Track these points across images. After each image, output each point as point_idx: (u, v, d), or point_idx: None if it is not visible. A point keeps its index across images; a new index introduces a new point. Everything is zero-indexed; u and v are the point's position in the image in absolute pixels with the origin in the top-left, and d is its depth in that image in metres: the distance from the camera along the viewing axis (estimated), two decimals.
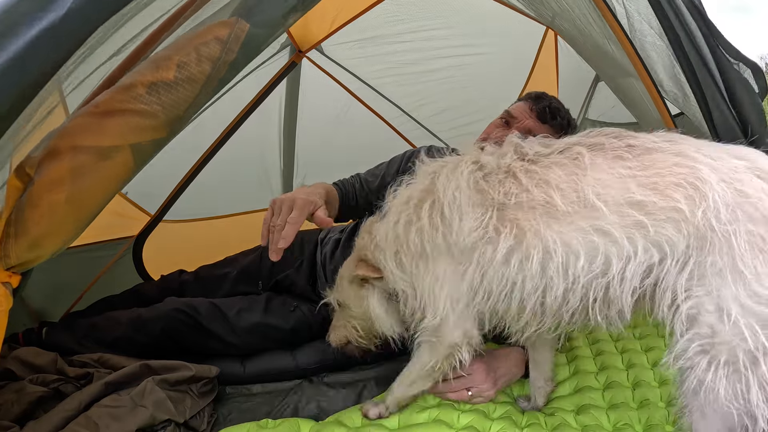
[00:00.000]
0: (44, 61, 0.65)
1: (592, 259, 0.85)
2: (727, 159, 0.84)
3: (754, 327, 0.75)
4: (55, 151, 0.79)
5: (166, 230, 2.43)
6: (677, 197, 0.80)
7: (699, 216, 0.78)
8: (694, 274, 0.80)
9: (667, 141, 0.88)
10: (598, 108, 2.82)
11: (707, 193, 0.79)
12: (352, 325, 1.25)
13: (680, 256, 0.81)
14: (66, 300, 2.04)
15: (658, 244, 0.82)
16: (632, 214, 0.82)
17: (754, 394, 0.76)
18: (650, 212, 0.81)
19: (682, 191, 0.80)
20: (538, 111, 1.61)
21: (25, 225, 0.80)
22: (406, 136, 2.91)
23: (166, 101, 0.82)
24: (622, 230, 0.83)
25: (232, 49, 0.85)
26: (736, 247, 0.76)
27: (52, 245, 0.86)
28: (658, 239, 0.82)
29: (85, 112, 0.80)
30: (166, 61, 0.81)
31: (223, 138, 2.41)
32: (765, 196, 0.78)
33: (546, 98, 1.67)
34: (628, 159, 0.86)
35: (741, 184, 0.80)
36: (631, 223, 0.82)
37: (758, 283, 0.75)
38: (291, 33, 2.29)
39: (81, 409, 1.25)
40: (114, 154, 0.82)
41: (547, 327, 0.98)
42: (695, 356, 0.79)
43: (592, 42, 1.40)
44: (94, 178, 0.82)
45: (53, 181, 0.79)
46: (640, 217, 0.81)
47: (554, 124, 1.61)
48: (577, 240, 0.86)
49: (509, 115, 1.65)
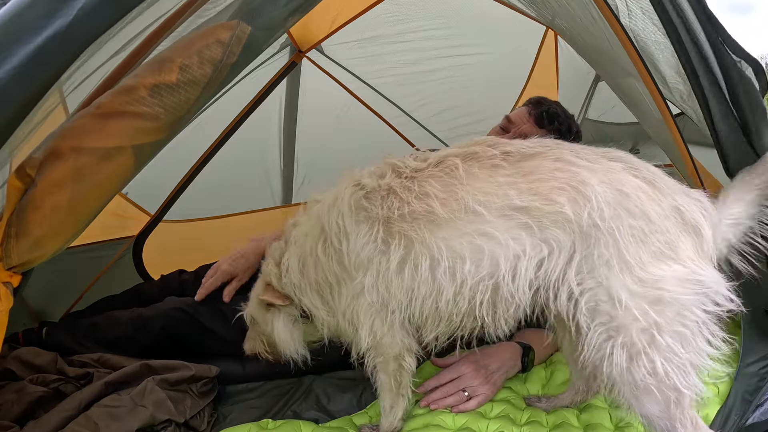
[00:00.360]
0: (51, 68, 0.66)
1: (478, 261, 0.91)
2: (604, 162, 0.91)
3: (644, 307, 0.84)
4: (57, 152, 0.79)
5: (166, 230, 2.43)
6: (561, 201, 0.87)
7: (585, 217, 0.85)
8: (583, 267, 0.87)
9: (543, 147, 0.93)
10: (598, 108, 2.82)
11: (590, 195, 0.86)
12: (260, 339, 1.30)
13: (568, 251, 0.88)
14: (66, 300, 2.04)
15: (545, 241, 0.89)
16: (517, 216, 0.88)
17: (661, 366, 0.84)
18: (535, 216, 0.87)
19: (565, 194, 0.87)
20: (536, 116, 1.62)
21: (27, 226, 0.80)
22: (406, 136, 2.91)
23: (168, 103, 0.83)
24: (508, 232, 0.89)
25: (233, 51, 0.85)
26: (621, 241, 0.85)
27: (53, 245, 0.86)
28: (545, 237, 0.88)
29: (87, 114, 0.80)
30: (168, 63, 0.82)
31: (223, 138, 2.41)
32: (642, 193, 0.87)
33: (545, 103, 1.67)
34: (505, 167, 0.92)
35: (620, 184, 0.87)
36: (516, 225, 0.89)
37: (643, 270, 0.84)
38: (291, 33, 2.29)
39: (81, 408, 1.25)
40: (116, 155, 0.82)
41: (447, 332, 1.04)
42: (604, 344, 0.87)
43: (592, 41, 1.40)
44: (96, 179, 0.83)
45: (55, 183, 0.79)
46: (525, 220, 0.87)
47: (551, 129, 1.61)
48: (461, 245, 0.91)
49: (508, 121, 1.67)
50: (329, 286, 1.09)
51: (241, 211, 2.70)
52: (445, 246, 0.92)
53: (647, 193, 0.87)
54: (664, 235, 0.86)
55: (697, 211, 0.89)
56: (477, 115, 2.92)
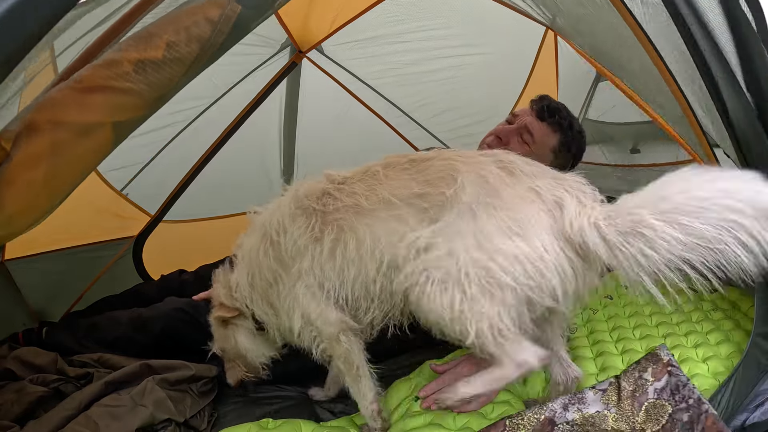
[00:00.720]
0: (42, 13, 0.62)
1: (393, 241, 1.09)
2: (478, 157, 1.12)
3: (472, 271, 0.99)
4: (34, 125, 0.76)
5: (166, 230, 2.43)
6: (441, 185, 1.07)
7: (451, 193, 1.05)
8: (443, 231, 1.05)
9: (438, 153, 1.15)
10: (598, 108, 2.82)
11: (458, 177, 1.06)
12: (236, 363, 1.36)
13: (445, 222, 1.06)
14: (66, 300, 2.04)
15: (431, 219, 1.08)
16: (418, 202, 1.09)
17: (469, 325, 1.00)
18: (428, 199, 1.08)
19: (444, 180, 1.08)
20: (537, 109, 1.64)
21: (1, 202, 0.77)
22: (406, 136, 2.91)
23: (153, 80, 0.81)
24: (413, 216, 1.09)
25: (222, 30, 0.83)
26: (477, 213, 1.02)
27: (25, 222, 0.83)
28: (436, 216, 1.07)
29: (67, 87, 0.77)
30: (155, 39, 0.79)
31: (224, 138, 2.42)
32: (499, 179, 1.05)
33: (547, 99, 1.71)
34: (410, 169, 1.14)
35: (483, 172, 1.07)
36: (417, 210, 1.09)
37: (488, 241, 1.00)
38: (291, 33, 2.30)
39: (81, 408, 1.25)
40: (95, 131, 0.80)
41: (380, 314, 1.17)
42: (424, 282, 1.03)
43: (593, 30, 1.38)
44: (74, 155, 0.80)
45: (31, 158, 0.76)
46: (424, 205, 1.08)
47: (551, 122, 1.63)
48: (380, 228, 1.10)
49: (513, 115, 1.71)
50: (270, 286, 1.21)
51: (241, 211, 2.69)
52: (369, 230, 1.10)
53: (503, 179, 1.06)
54: (513, 213, 1.01)
55: (559, 188, 1.03)
56: (477, 116, 2.92)
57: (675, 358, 1.39)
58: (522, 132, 1.62)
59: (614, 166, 2.73)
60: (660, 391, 1.08)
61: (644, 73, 1.37)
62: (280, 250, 1.17)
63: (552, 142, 1.62)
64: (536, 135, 1.61)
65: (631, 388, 1.10)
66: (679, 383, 1.09)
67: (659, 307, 1.76)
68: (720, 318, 1.62)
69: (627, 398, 1.09)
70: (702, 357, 1.39)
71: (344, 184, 1.16)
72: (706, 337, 1.50)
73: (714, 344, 1.45)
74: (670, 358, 1.15)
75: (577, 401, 1.11)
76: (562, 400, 1.11)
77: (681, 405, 1.05)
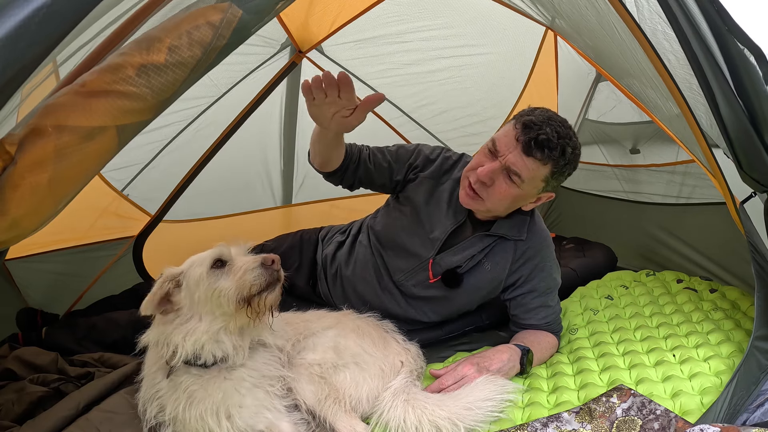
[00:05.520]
0: (36, 42, 0.63)
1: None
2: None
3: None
4: (39, 130, 0.76)
5: (166, 230, 2.43)
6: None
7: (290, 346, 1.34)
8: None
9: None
10: (598, 108, 2.82)
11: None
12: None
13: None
14: (66, 300, 2.04)
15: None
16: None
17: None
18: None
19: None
20: (524, 143, 1.39)
21: (5, 206, 0.77)
22: (407, 136, 2.91)
23: (156, 84, 0.81)
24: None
25: (223, 34, 0.83)
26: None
27: (30, 225, 0.84)
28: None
29: (71, 91, 0.78)
30: (156, 43, 0.80)
31: (224, 138, 2.42)
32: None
33: (536, 126, 1.38)
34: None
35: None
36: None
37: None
38: (291, 33, 2.30)
39: (80, 409, 1.24)
40: (99, 134, 0.80)
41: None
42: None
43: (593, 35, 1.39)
44: (77, 159, 0.80)
45: (36, 162, 0.76)
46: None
47: (541, 158, 1.39)
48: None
49: (494, 146, 1.46)
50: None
51: (241, 211, 2.70)
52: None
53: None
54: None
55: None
56: (477, 116, 2.92)
57: (677, 359, 1.40)
58: (509, 173, 1.42)
59: (614, 167, 2.73)
60: (627, 410, 1.18)
61: (643, 73, 1.37)
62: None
63: (543, 173, 1.42)
64: (524, 174, 1.40)
65: (602, 410, 1.19)
66: (644, 401, 1.19)
67: (660, 308, 1.76)
68: (720, 318, 1.62)
69: (599, 417, 1.17)
70: (703, 357, 1.40)
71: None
72: (707, 337, 1.51)
73: (715, 344, 1.46)
74: (633, 389, 1.25)
75: (555, 419, 1.19)
76: (541, 420, 1.19)
77: (650, 417, 1.14)
